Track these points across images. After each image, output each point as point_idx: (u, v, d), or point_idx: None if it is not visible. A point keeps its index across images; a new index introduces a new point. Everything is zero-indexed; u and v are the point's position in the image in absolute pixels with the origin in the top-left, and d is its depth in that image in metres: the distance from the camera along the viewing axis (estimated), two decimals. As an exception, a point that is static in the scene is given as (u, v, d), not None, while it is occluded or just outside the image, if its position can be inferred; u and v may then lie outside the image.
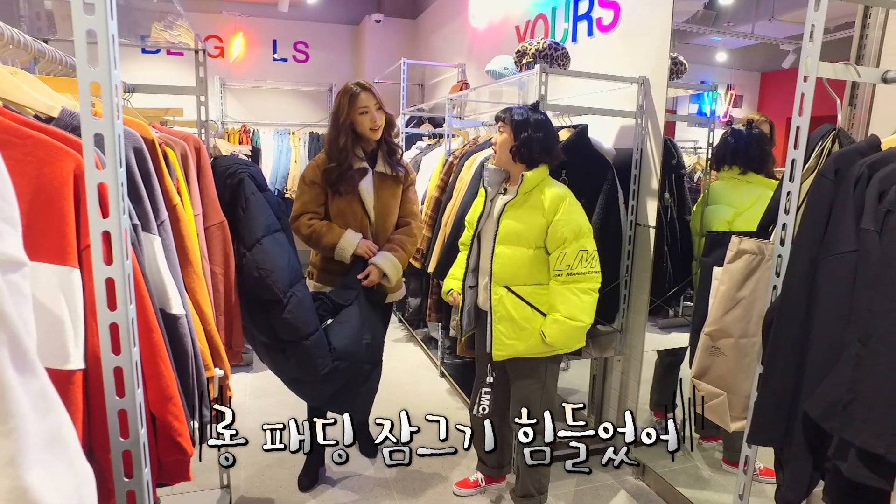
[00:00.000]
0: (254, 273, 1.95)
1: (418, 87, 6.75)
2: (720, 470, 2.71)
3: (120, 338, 1.12)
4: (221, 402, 1.74)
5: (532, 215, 2.18)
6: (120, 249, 1.09)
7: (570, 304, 2.15)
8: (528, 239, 2.18)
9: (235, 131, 6.35)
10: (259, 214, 1.97)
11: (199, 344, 1.48)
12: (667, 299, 2.75)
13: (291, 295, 2.02)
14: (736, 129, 2.48)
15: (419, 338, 4.68)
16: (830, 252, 1.31)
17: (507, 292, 2.21)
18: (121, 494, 1.18)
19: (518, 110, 2.23)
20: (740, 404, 1.74)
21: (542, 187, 2.20)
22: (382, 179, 2.47)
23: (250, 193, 1.97)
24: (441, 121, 5.20)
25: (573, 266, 2.15)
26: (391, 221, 2.54)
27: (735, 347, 1.74)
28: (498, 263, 2.21)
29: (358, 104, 2.36)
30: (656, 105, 2.69)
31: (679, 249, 2.72)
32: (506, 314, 2.21)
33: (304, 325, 2.06)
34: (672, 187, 2.74)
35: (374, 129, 2.39)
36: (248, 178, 1.97)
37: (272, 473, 2.77)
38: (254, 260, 1.94)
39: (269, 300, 2.01)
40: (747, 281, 1.72)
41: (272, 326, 2.05)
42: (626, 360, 2.89)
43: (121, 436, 1.16)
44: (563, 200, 2.17)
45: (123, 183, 1.11)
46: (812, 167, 1.61)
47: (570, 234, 2.15)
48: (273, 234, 2.01)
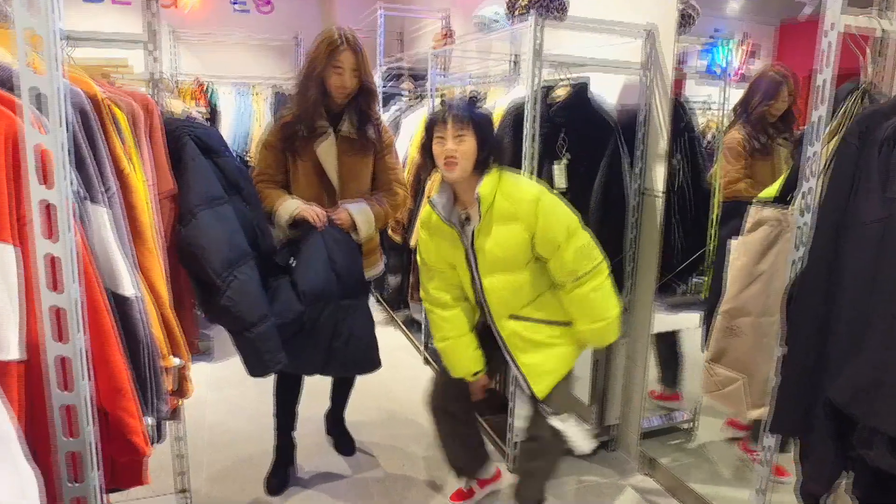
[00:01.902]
0: (186, 251, 1.90)
1: (397, 38, 6.67)
2: (736, 463, 2.75)
3: (65, 323, 1.10)
4: (180, 395, 1.74)
5: (508, 232, 2.03)
6: (64, 223, 1.07)
7: (591, 308, 2.08)
8: (517, 260, 2.06)
9: (190, 88, 6.24)
10: (196, 184, 1.91)
11: (153, 330, 1.47)
12: (677, 275, 2.77)
13: (231, 279, 1.95)
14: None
15: (400, 320, 4.69)
16: (856, 222, 1.33)
17: (516, 322, 2.12)
18: (67, 501, 1.17)
19: (470, 109, 2.08)
20: (759, 389, 1.76)
21: (502, 192, 2.04)
22: (348, 143, 2.43)
23: (190, 159, 1.90)
24: (423, 75, 5.15)
25: (576, 270, 2.03)
26: (359, 189, 2.50)
27: (753, 327, 1.76)
28: (493, 297, 2.10)
29: (335, 60, 2.32)
30: (664, 58, 2.68)
31: (690, 219, 2.73)
32: (527, 344, 2.12)
33: (246, 314, 2.00)
34: (682, 150, 2.74)
35: (341, 91, 2.36)
36: (191, 142, 1.91)
37: (236, 475, 2.76)
38: (186, 236, 1.89)
39: (207, 282, 1.96)
40: (767, 253, 1.74)
41: (216, 313, 2.01)
42: (632, 343, 2.91)
43: (67, 435, 1.15)
44: (537, 202, 2.01)
45: (67, 147, 1.09)
46: (835, 129, 1.62)
47: (560, 236, 2.02)
48: (214, 206, 1.94)
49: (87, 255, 1.19)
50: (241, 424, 3.17)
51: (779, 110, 2.50)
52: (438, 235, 2.15)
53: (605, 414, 3.08)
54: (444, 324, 2.23)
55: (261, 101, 6.26)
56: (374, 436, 3.12)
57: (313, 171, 2.42)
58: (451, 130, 2.01)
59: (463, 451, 2.49)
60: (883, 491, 1.25)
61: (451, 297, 2.21)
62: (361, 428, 3.14)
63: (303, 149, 2.40)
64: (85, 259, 1.17)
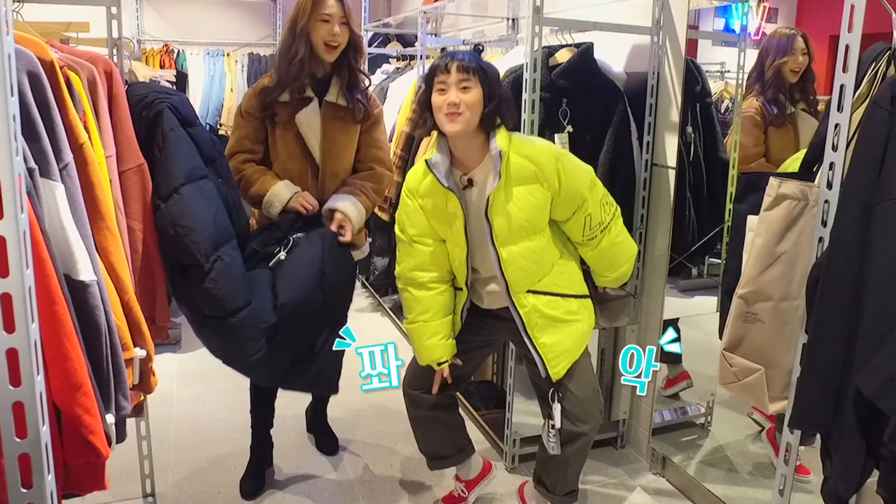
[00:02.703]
0: (169, 230, 1.89)
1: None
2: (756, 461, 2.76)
3: (14, 312, 1.08)
4: (143, 389, 1.73)
5: (529, 193, 2.03)
6: (13, 200, 1.05)
7: (618, 255, 2.20)
8: (537, 224, 2.08)
9: (156, 52, 6.21)
10: (179, 156, 1.91)
11: (114, 318, 1.46)
12: (690, 255, 2.78)
13: (216, 259, 1.97)
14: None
15: (387, 306, 4.70)
16: (887, 196, 1.33)
17: (536, 297, 2.12)
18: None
19: (477, 56, 2.08)
20: (781, 381, 1.77)
21: (517, 152, 2.04)
22: (333, 111, 2.41)
23: (168, 129, 1.91)
24: (412, 38, 5.12)
25: (603, 220, 2.11)
26: (343, 166, 2.48)
27: (774, 313, 1.76)
28: (512, 269, 2.08)
29: (321, 8, 2.29)
30: (676, 19, 2.67)
31: (705, 195, 2.73)
32: (547, 322, 2.13)
33: (230, 298, 2.00)
34: (696, 119, 2.74)
35: (330, 43, 2.32)
36: (167, 110, 1.91)
37: (207, 478, 2.75)
38: (169, 214, 1.89)
39: (188, 264, 1.97)
40: (788, 232, 1.74)
41: (192, 297, 2.01)
42: (642, 330, 2.92)
43: (16, 435, 1.13)
44: (558, 159, 2.05)
45: (16, 116, 1.07)
46: (864, 94, 1.61)
47: (585, 189, 2.07)
48: (197, 181, 1.95)
49: (38, 235, 1.17)
50: (213, 422, 3.16)
51: (798, 67, 2.50)
52: (430, 203, 2.13)
53: (612, 408, 3.09)
54: (416, 305, 2.23)
55: (234, 65, 6.22)
56: (360, 434, 3.12)
57: (295, 143, 2.41)
58: (455, 78, 1.99)
59: (438, 435, 2.46)
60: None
61: (429, 277, 2.20)
62: (345, 425, 3.14)
63: (283, 117, 2.37)
64: (36, 240, 1.16)
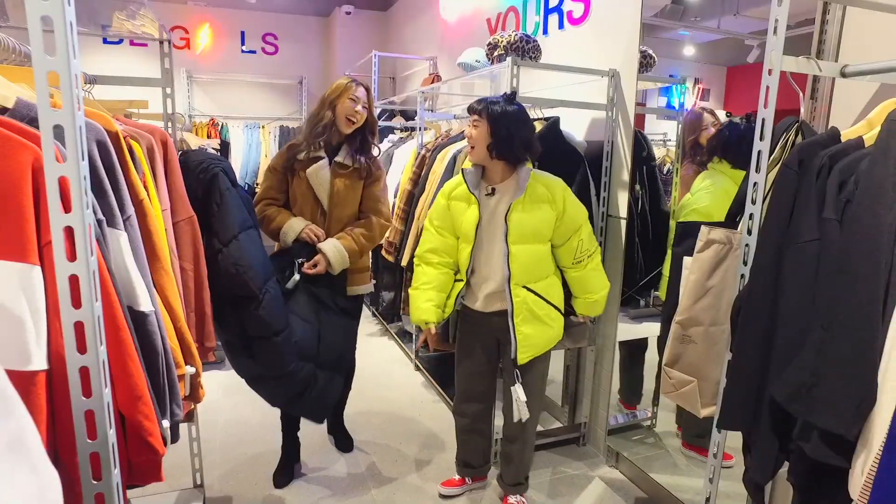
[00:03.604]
0: (230, 269, 1.92)
1: (390, 79, 6.71)
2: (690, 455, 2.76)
3: (86, 336, 1.09)
4: (193, 399, 1.72)
5: (540, 210, 2.15)
6: (84, 245, 1.06)
7: (594, 282, 2.28)
8: (542, 234, 2.17)
9: (204, 125, 6.26)
10: (235, 210, 1.95)
11: (168, 341, 1.45)
12: (638, 289, 2.79)
13: (265, 291, 2.01)
14: (734, 123, 2.46)
15: (393, 332, 4.67)
16: (795, 241, 1.34)
17: (527, 293, 2.18)
18: (89, 498, 1.15)
19: (494, 102, 2.13)
20: (710, 391, 1.77)
21: (537, 180, 2.17)
22: (340, 168, 2.45)
23: (225, 189, 1.94)
24: (413, 114, 5.18)
25: (589, 248, 2.24)
26: (347, 214, 2.49)
27: (705, 335, 1.77)
28: (516, 263, 2.15)
29: (351, 92, 2.41)
30: (626, 98, 2.71)
31: (650, 240, 2.75)
32: (530, 315, 2.19)
33: (276, 322, 2.05)
34: (643, 179, 2.77)
35: (351, 118, 2.41)
36: (222, 174, 1.95)
37: (246, 472, 2.73)
38: (231, 256, 1.92)
39: (242, 296, 1.99)
40: (716, 270, 1.75)
41: (242, 323, 2.02)
42: (599, 351, 2.92)
43: (88, 437, 1.13)
44: (566, 190, 2.20)
45: (86, 176, 1.08)
46: (777, 158, 1.64)
47: (581, 219, 2.21)
48: (247, 230, 1.99)
49: (106, 274, 1.17)
50: (251, 426, 3.14)
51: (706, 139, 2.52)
52: (458, 205, 2.25)
53: (575, 413, 3.07)
54: (422, 276, 2.32)
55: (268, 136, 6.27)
56: (370, 435, 3.09)
57: (308, 191, 2.45)
58: (472, 118, 2.15)
59: (474, 446, 2.54)
60: (816, 477, 1.26)
61: (438, 259, 2.31)
62: (359, 428, 3.12)
63: (300, 170, 2.44)
64: (104, 278, 1.16)
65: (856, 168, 1.25)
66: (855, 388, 1.11)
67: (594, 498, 2.60)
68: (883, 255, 1.12)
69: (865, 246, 1.14)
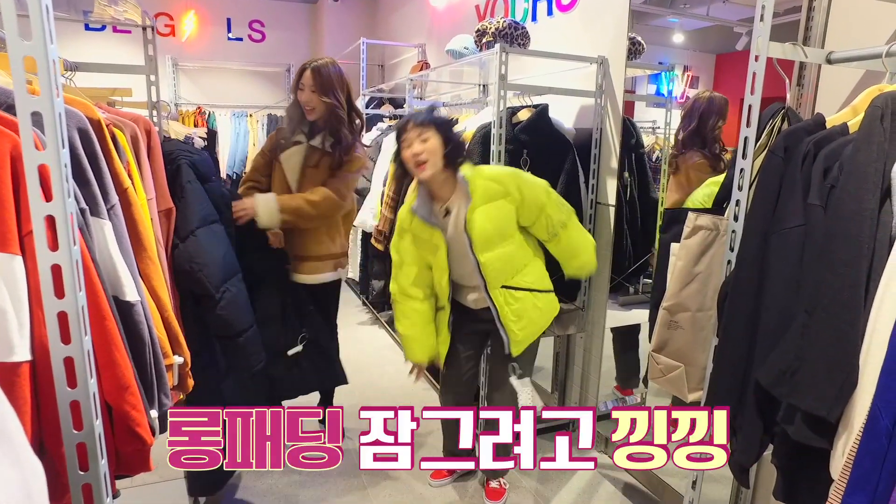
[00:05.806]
0: (185, 266, 1.84)
1: (378, 67, 6.67)
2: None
3: (69, 326, 1.08)
4: (181, 389, 1.71)
5: (497, 209, 2.09)
6: (66, 234, 1.05)
7: (579, 245, 2.23)
8: (507, 231, 2.12)
9: (190, 113, 6.20)
10: (195, 204, 1.88)
11: (156, 331, 1.45)
12: (627, 276, 2.80)
13: (225, 290, 1.94)
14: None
15: (384, 320, 4.68)
16: (780, 227, 1.35)
17: (508, 291, 2.16)
18: (76, 488, 1.15)
19: (429, 112, 2.10)
20: (697, 376, 1.79)
21: (483, 177, 2.10)
22: (313, 152, 2.45)
23: (186, 182, 1.87)
24: (402, 101, 5.16)
25: (561, 217, 2.17)
26: None
27: (692, 321, 1.78)
28: (488, 271, 2.12)
29: (300, 79, 2.43)
30: (615, 85, 2.71)
31: (639, 227, 2.76)
32: (512, 311, 2.18)
33: (237, 322, 2.00)
34: (631, 166, 2.77)
35: (306, 107, 2.43)
36: (185, 166, 1.88)
37: (236, 460, 2.74)
38: (186, 252, 1.85)
39: (201, 294, 1.93)
40: (703, 256, 1.76)
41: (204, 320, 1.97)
42: (589, 338, 2.93)
43: (74, 428, 1.13)
44: (517, 176, 2.13)
45: (67, 164, 1.07)
46: (763, 145, 1.64)
47: (542, 196, 2.13)
48: (209, 224, 1.92)
49: (90, 264, 1.16)
50: (239, 416, 3.13)
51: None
52: (419, 237, 2.19)
53: (565, 399, 3.09)
54: (414, 315, 2.28)
55: (255, 124, 6.22)
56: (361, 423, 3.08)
57: (280, 174, 2.48)
58: (414, 134, 2.05)
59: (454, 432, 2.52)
60: (799, 459, 1.28)
61: (414, 292, 2.26)
62: (347, 416, 3.09)
63: (273, 152, 2.51)
64: (88, 267, 1.15)
65: (840, 154, 1.26)
66: (837, 372, 1.12)
67: (584, 483, 2.63)
68: (865, 240, 1.13)
69: (848, 231, 1.15)
